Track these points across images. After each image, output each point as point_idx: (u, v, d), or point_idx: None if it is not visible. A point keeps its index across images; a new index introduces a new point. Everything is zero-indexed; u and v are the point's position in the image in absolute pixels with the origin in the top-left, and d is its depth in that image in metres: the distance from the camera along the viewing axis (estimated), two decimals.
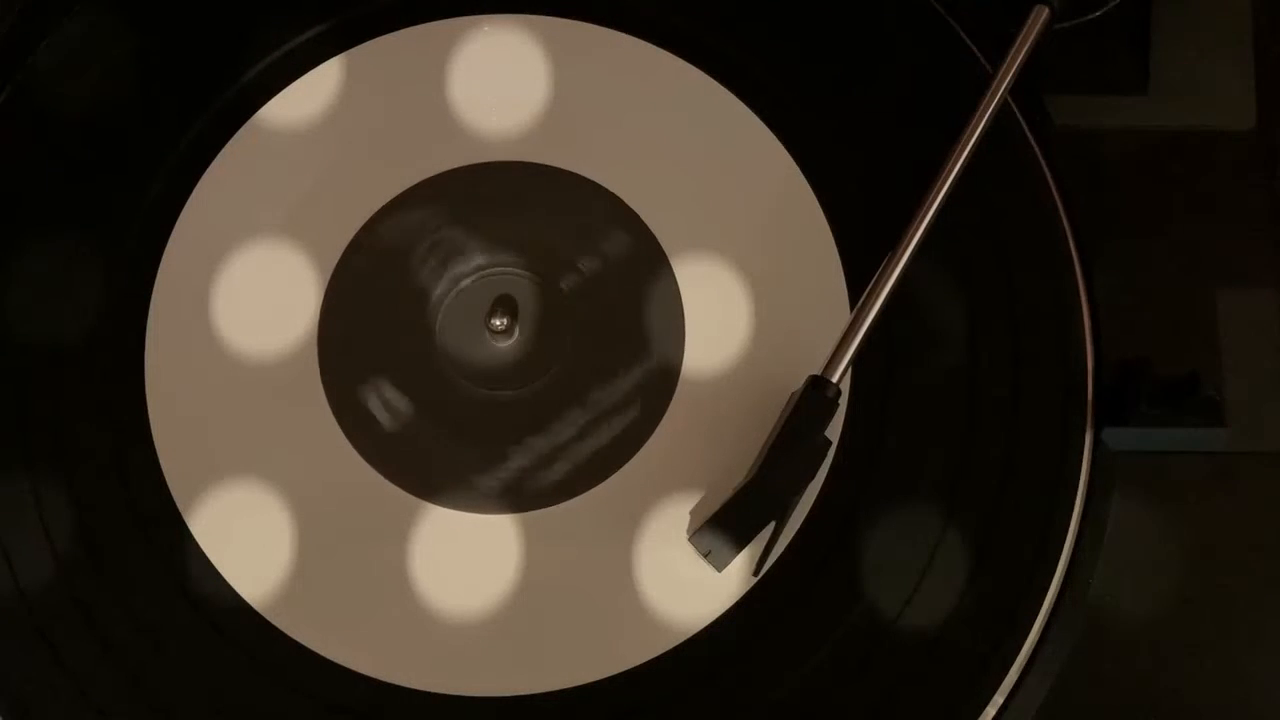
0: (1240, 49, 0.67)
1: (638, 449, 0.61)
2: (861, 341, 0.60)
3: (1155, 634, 0.60)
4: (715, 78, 0.66)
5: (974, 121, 0.61)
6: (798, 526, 0.60)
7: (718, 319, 0.63)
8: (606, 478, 0.61)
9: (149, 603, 0.60)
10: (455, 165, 0.65)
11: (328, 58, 0.66)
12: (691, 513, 0.60)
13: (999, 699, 0.59)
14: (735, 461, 0.60)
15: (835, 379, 0.59)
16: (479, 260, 0.64)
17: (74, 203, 0.64)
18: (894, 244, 0.61)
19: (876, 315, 0.60)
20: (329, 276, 0.64)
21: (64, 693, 0.58)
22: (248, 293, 0.63)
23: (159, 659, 0.59)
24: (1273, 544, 0.61)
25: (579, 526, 0.60)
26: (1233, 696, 0.59)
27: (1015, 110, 0.65)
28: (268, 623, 0.59)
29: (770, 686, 0.59)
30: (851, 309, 0.62)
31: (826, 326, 0.61)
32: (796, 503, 0.59)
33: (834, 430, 0.60)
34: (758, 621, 0.59)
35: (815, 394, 0.59)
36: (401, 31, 0.67)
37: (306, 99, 0.66)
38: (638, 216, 0.64)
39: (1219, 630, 0.60)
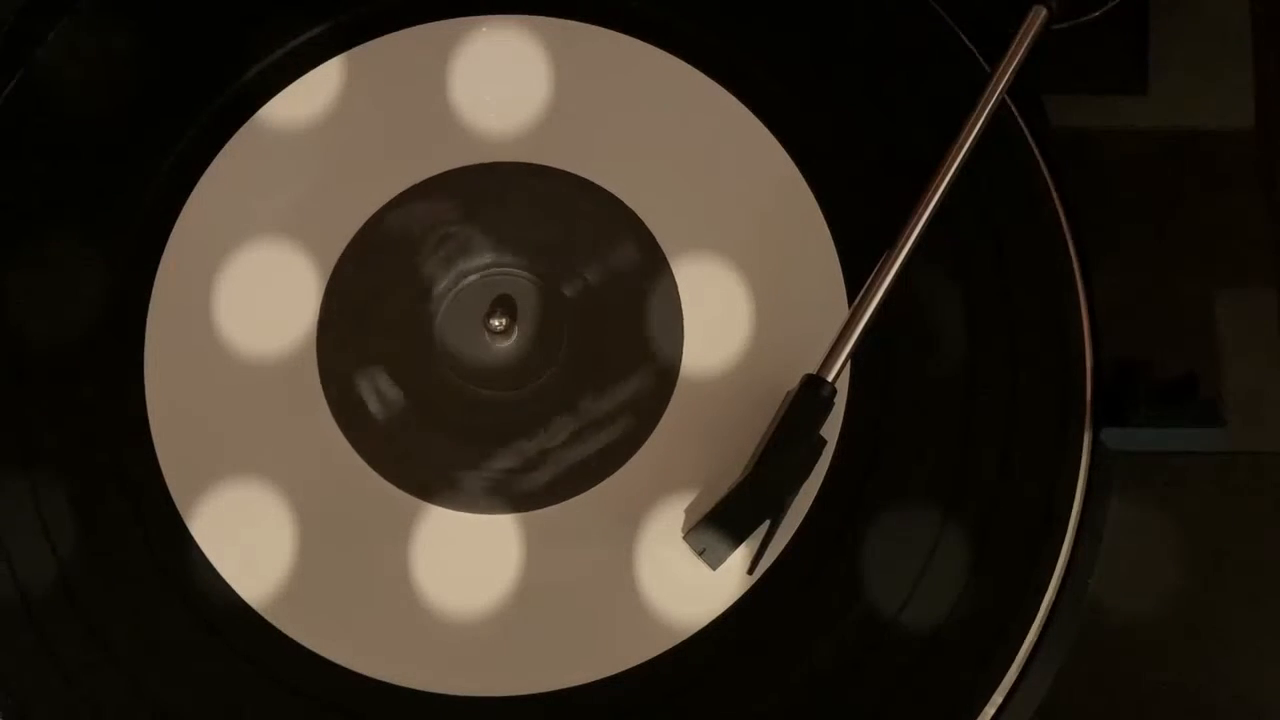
0: (1239, 49, 0.67)
1: (637, 449, 0.61)
2: (857, 341, 0.60)
3: (1155, 634, 0.60)
4: (715, 78, 0.66)
5: (972, 121, 0.61)
6: (796, 526, 0.60)
7: (716, 319, 0.63)
8: (606, 478, 0.61)
9: (149, 603, 0.60)
10: (455, 165, 0.65)
11: (328, 58, 0.66)
12: (687, 511, 0.60)
13: (998, 698, 0.59)
14: (734, 461, 0.60)
15: (830, 378, 0.59)
16: (478, 260, 0.64)
17: (74, 203, 0.64)
18: (891, 244, 0.61)
19: (872, 315, 0.60)
20: (329, 276, 0.64)
21: (63, 693, 0.58)
22: (248, 292, 0.63)
23: (159, 659, 0.59)
24: (1273, 544, 0.61)
25: (578, 526, 0.60)
26: (1233, 696, 0.59)
27: (1013, 110, 0.65)
28: (268, 623, 0.59)
29: (770, 686, 0.59)
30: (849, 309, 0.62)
31: (825, 326, 0.61)
32: (791, 502, 0.59)
33: (833, 430, 0.60)
34: (757, 621, 0.59)
35: (811, 393, 0.59)
36: (402, 32, 0.67)
37: (307, 99, 0.66)
38: (637, 217, 0.64)
39: (1219, 630, 0.60)
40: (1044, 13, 0.63)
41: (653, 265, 0.63)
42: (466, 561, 0.60)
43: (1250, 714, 0.59)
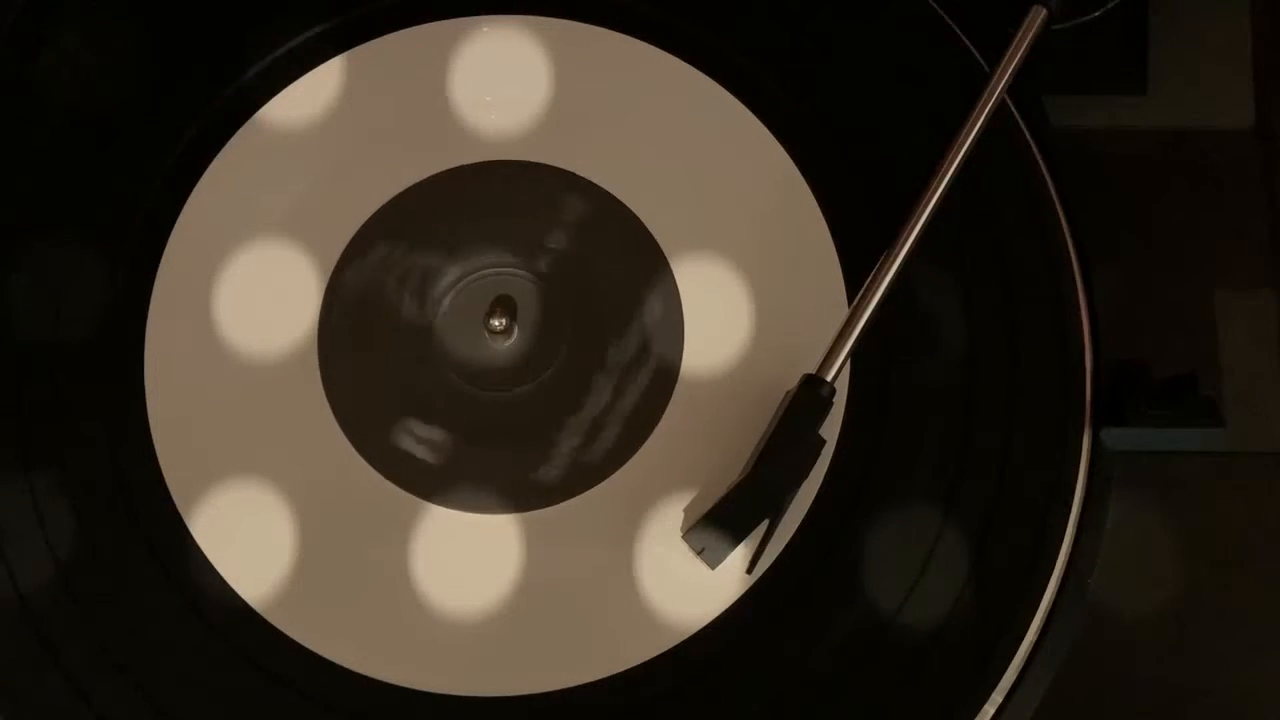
0: (1238, 49, 0.67)
1: (637, 449, 0.61)
2: (856, 340, 0.60)
3: (1154, 633, 0.60)
4: (714, 78, 0.66)
5: (971, 121, 0.61)
6: (796, 526, 0.60)
7: (716, 319, 0.63)
8: (605, 478, 0.61)
9: (149, 603, 0.60)
10: (455, 165, 0.65)
11: (328, 57, 0.67)
12: (686, 510, 0.60)
13: (998, 697, 0.59)
14: (734, 461, 0.60)
15: (830, 378, 0.59)
16: (478, 260, 0.64)
17: (74, 203, 0.64)
18: (891, 244, 0.61)
19: (871, 314, 0.60)
20: (329, 276, 0.64)
21: (63, 693, 0.58)
22: (248, 293, 0.63)
23: (159, 659, 0.59)
24: (1273, 544, 0.61)
25: (579, 526, 0.60)
26: (1233, 696, 0.59)
27: (1013, 110, 0.65)
28: (268, 623, 0.59)
29: (769, 686, 0.59)
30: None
31: (825, 326, 0.61)
32: (790, 501, 0.59)
33: (833, 430, 0.60)
34: (757, 621, 0.59)
35: (810, 392, 0.59)
36: (402, 31, 0.67)
37: (307, 99, 0.66)
38: (636, 217, 0.64)
39: (1219, 630, 0.60)
40: (1044, 13, 0.63)
41: (653, 265, 0.64)
42: (466, 561, 0.60)
43: (1250, 714, 0.59)
